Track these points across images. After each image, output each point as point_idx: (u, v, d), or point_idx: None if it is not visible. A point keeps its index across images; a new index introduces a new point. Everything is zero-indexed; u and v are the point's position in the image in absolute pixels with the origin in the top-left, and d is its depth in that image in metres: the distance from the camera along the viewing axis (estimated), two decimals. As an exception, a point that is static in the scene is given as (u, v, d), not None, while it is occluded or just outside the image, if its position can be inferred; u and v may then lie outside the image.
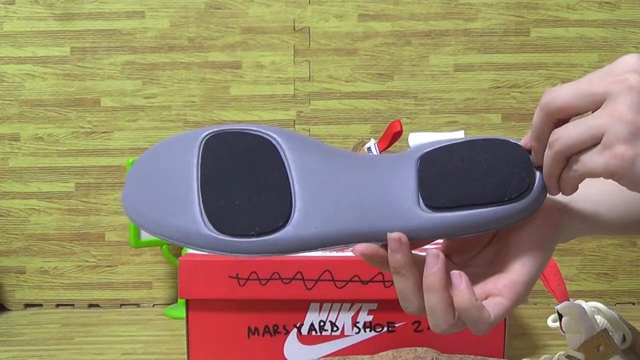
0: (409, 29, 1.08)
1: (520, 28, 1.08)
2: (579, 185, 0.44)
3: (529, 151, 0.47)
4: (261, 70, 1.09)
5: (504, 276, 0.46)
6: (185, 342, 0.80)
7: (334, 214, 0.47)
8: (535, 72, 1.08)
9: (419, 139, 0.50)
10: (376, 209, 0.47)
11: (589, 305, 0.66)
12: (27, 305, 1.12)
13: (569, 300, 0.68)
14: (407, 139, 1.08)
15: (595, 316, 0.65)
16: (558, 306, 0.68)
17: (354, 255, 0.47)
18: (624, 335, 0.64)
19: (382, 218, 0.46)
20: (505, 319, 0.78)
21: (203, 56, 1.09)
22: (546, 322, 0.72)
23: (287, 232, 0.46)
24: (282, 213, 0.46)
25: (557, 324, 0.69)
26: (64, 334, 0.98)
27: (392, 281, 0.78)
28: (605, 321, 0.65)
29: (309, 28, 1.09)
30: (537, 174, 0.46)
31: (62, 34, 1.09)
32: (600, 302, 0.69)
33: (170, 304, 1.11)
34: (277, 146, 0.48)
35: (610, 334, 0.63)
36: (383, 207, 0.47)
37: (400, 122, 0.91)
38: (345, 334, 0.79)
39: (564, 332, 0.68)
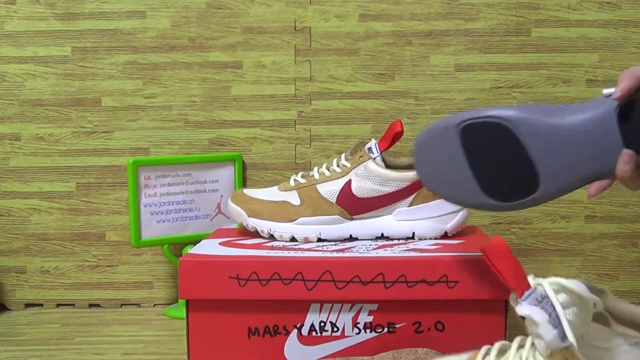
0: (410, 29, 1.08)
1: (521, 28, 1.08)
2: None
3: None
4: (262, 70, 1.09)
5: None
6: (185, 342, 0.80)
7: (566, 169, 0.64)
8: (536, 72, 1.08)
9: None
10: (592, 156, 0.64)
11: (549, 282, 0.58)
12: (27, 305, 1.12)
13: (530, 288, 0.59)
14: (408, 139, 1.08)
15: (559, 295, 0.58)
16: (518, 308, 0.59)
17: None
18: (594, 304, 0.59)
19: (597, 162, 0.64)
20: (505, 318, 0.78)
21: (204, 56, 1.09)
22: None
23: (537, 194, 0.66)
24: (531, 183, 0.66)
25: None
26: (65, 333, 0.98)
27: (393, 282, 0.79)
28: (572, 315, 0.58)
29: (310, 28, 1.09)
30: None
31: (63, 34, 1.09)
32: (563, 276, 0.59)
33: (170, 304, 1.11)
34: (512, 129, 0.65)
35: (578, 310, 0.57)
36: (597, 152, 0.63)
37: (401, 122, 0.91)
38: (346, 334, 0.79)
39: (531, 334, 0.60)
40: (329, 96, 1.10)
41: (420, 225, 0.89)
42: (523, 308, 0.58)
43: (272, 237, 0.90)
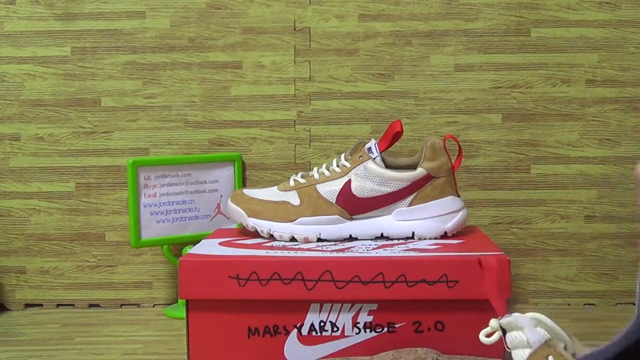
0: (410, 29, 1.08)
1: (520, 28, 1.08)
2: None
3: None
4: (262, 70, 1.09)
5: None
6: (185, 342, 0.80)
7: None
8: (536, 72, 1.08)
9: None
10: None
11: (528, 317, 0.63)
12: (27, 305, 1.12)
13: (507, 313, 0.65)
14: (407, 139, 1.08)
15: (537, 328, 0.62)
16: (501, 321, 0.64)
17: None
18: (565, 346, 0.62)
19: None
20: (505, 319, 0.79)
21: (203, 56, 1.09)
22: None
23: None
24: None
25: (492, 339, 0.66)
26: (64, 334, 0.98)
27: (392, 282, 0.79)
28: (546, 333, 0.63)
29: (310, 28, 1.09)
30: None
31: (62, 34, 1.09)
32: (539, 312, 0.66)
33: (170, 304, 1.11)
34: None
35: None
36: None
37: (400, 122, 0.91)
38: (346, 334, 0.79)
39: (509, 349, 0.66)
40: (329, 96, 1.10)
41: (420, 225, 0.89)
42: (508, 320, 0.62)
43: (272, 237, 0.90)
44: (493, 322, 0.65)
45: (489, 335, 0.65)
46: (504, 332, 0.63)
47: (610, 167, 1.08)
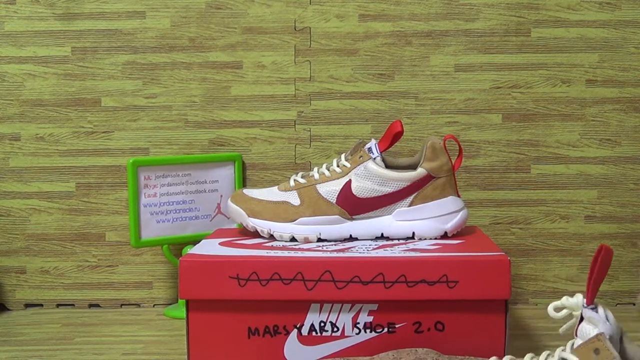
0: (410, 29, 1.08)
1: (520, 28, 1.08)
2: None
3: None
4: (262, 70, 1.09)
5: None
6: (185, 343, 0.80)
7: None
8: (536, 72, 1.08)
9: None
10: None
11: (603, 315, 0.64)
12: (27, 305, 1.12)
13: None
14: (408, 140, 1.08)
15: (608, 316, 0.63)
16: (586, 311, 0.65)
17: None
18: (620, 337, 0.63)
19: None
20: (505, 318, 0.79)
21: (204, 56, 1.09)
22: (547, 322, 0.70)
23: None
24: None
25: (560, 314, 0.67)
26: (64, 334, 0.98)
27: (393, 282, 0.79)
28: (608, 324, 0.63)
29: (310, 28, 1.09)
30: None
31: (63, 34, 1.09)
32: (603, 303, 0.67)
33: (170, 304, 1.11)
34: None
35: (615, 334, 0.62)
36: None
37: (401, 122, 0.91)
38: (346, 334, 0.79)
39: (577, 336, 0.66)
40: (329, 96, 1.10)
41: (420, 225, 0.89)
42: (595, 316, 0.64)
43: (272, 237, 0.90)
44: (567, 302, 0.66)
45: (558, 310, 0.66)
46: (581, 319, 0.64)
47: (610, 167, 1.08)
